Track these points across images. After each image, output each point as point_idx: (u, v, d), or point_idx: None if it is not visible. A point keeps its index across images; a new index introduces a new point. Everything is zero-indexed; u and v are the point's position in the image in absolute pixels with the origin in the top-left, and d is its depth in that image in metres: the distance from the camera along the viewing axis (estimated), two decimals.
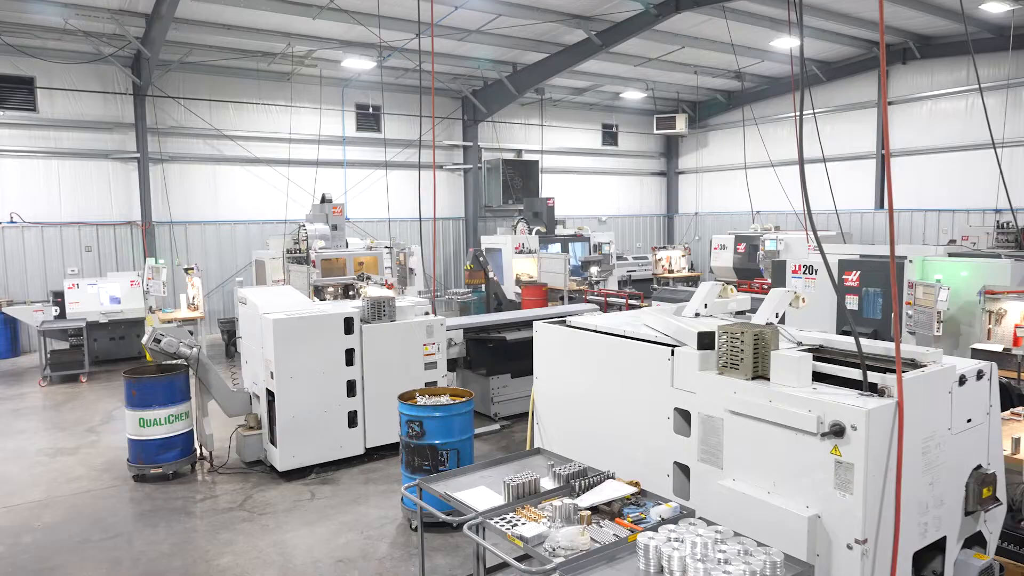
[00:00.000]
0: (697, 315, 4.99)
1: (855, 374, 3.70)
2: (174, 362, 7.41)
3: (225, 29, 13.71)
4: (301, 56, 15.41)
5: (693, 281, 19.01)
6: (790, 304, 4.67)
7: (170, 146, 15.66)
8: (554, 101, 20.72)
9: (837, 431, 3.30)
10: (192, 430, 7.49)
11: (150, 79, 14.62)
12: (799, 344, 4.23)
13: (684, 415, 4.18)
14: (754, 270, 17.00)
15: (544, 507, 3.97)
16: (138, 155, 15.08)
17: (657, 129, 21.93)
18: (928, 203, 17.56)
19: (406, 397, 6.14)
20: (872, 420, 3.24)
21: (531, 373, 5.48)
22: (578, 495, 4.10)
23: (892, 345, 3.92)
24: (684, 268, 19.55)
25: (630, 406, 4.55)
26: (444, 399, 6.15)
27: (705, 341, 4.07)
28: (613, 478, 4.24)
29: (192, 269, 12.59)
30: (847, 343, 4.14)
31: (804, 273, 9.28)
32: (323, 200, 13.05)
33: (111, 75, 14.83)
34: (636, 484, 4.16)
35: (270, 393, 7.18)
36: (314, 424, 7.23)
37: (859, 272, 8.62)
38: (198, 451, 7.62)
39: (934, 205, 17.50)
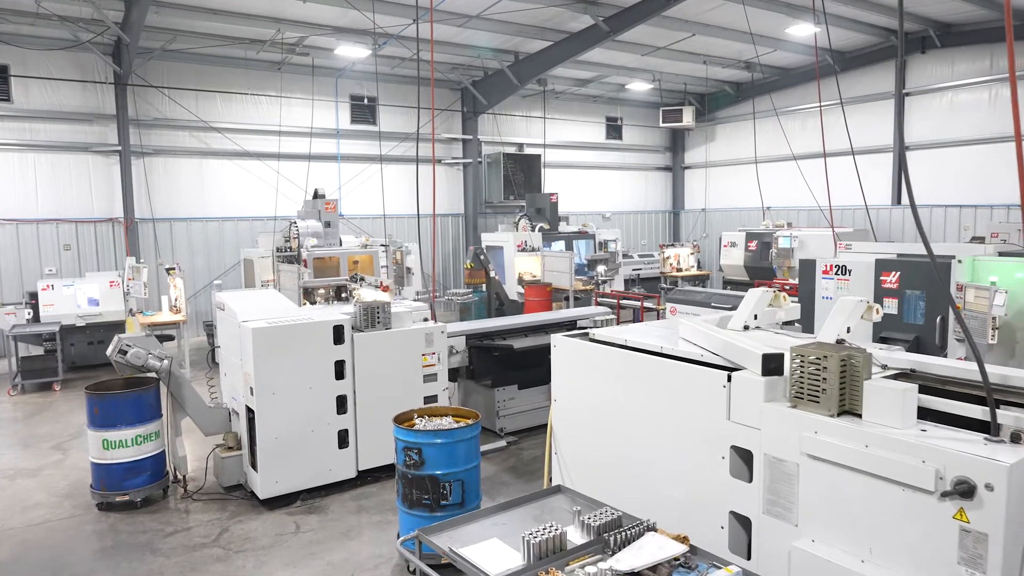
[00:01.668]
0: (746, 327, 4.23)
1: (965, 409, 2.94)
2: (143, 375, 6.64)
3: (211, 14, 12.87)
4: (292, 44, 14.62)
5: (702, 280, 18.26)
6: (862, 317, 3.90)
7: (153, 139, 14.84)
8: (557, 93, 19.92)
9: (964, 491, 2.54)
10: (164, 451, 6.69)
11: (131, 67, 13.79)
12: (885, 368, 3.46)
13: (744, 455, 3.41)
14: (766, 269, 16.21)
15: (573, 570, 3.21)
16: (119, 148, 14.24)
17: (663, 122, 21.11)
18: (948, 198, 16.80)
19: (402, 419, 5.36)
20: (1014, 477, 2.48)
21: (541, 383, 4.75)
22: (613, 553, 3.34)
23: (1002, 370, 3.17)
24: (692, 266, 18.79)
25: (673, 441, 3.78)
26: (446, 421, 5.38)
27: (772, 366, 3.30)
28: (655, 530, 3.47)
29: (174, 269, 11.79)
30: (944, 366, 3.38)
31: (836, 274, 8.52)
32: (316, 195, 12.26)
33: (90, 63, 14.00)
34: (684, 539, 3.38)
35: (250, 411, 6.41)
36: (300, 445, 6.45)
37: (899, 273, 7.87)
38: (171, 475, 6.83)
39: (954, 200, 16.74)
